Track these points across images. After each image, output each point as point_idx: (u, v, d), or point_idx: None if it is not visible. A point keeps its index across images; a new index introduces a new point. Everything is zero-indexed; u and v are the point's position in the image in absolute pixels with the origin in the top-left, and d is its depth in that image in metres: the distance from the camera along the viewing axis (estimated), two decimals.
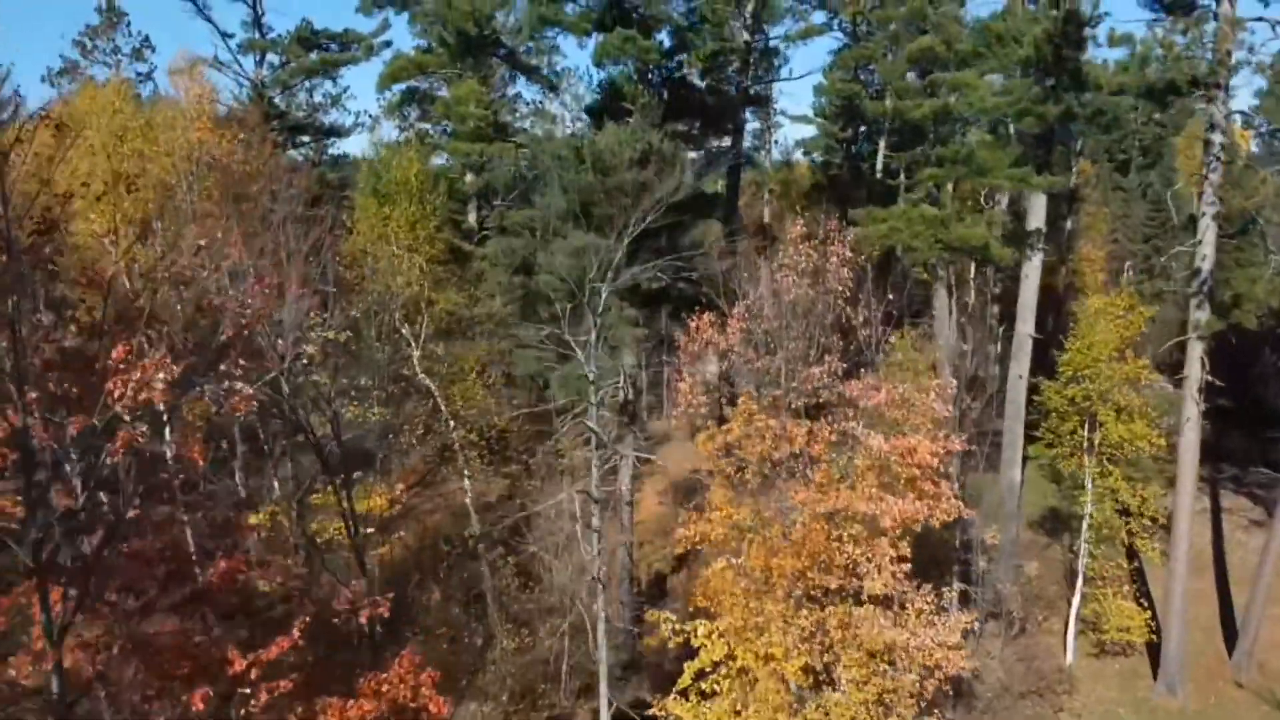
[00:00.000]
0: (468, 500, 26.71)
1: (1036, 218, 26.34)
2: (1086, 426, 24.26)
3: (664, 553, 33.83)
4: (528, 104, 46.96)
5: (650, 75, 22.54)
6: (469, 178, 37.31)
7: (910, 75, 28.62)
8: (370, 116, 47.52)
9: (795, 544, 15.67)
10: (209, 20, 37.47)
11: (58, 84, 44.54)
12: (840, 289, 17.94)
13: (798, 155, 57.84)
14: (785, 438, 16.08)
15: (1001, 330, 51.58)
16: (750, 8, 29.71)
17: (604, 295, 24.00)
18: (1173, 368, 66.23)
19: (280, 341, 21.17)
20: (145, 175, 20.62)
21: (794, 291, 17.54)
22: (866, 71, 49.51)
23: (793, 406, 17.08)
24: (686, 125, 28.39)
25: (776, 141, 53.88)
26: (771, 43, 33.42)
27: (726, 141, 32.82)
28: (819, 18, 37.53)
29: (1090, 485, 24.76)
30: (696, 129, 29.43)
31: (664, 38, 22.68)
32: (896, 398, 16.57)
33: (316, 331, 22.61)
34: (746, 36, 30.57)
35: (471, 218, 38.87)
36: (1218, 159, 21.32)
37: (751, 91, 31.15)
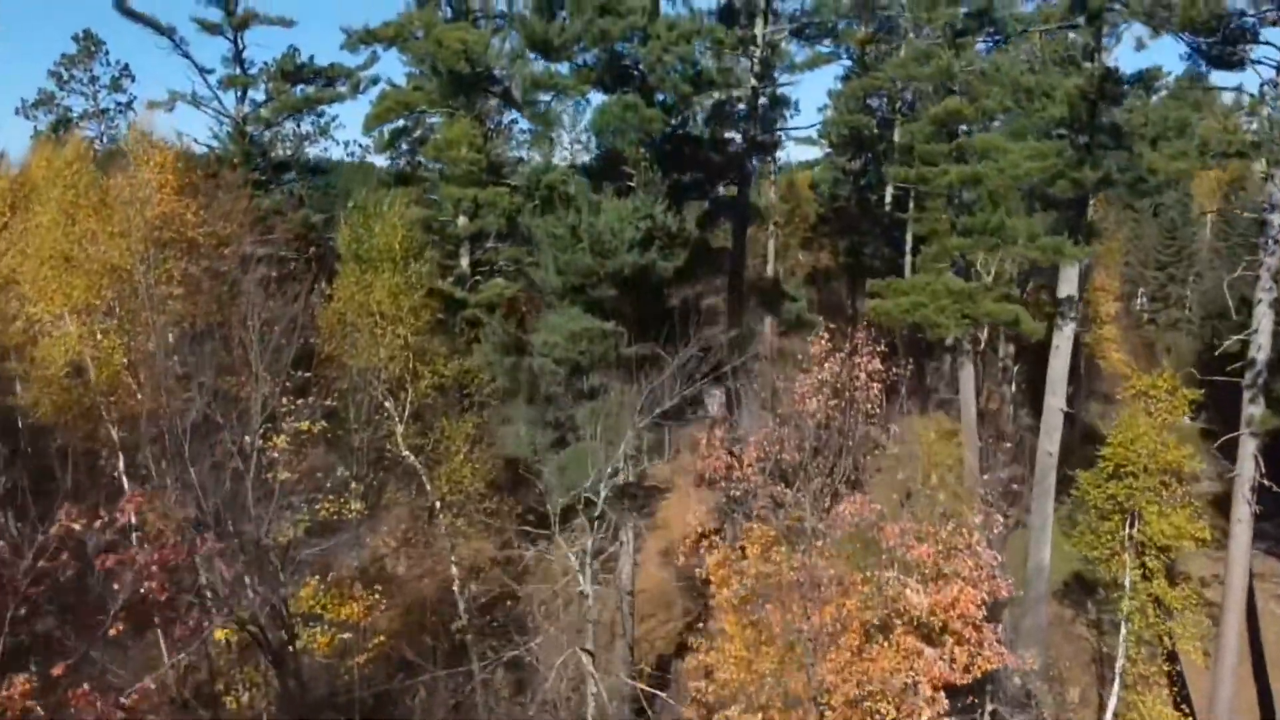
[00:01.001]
0: (455, 587, 24.83)
1: (1068, 285, 24.45)
2: (1128, 524, 22.39)
3: (667, 629, 31.99)
4: (524, 131, 45.18)
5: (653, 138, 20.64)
6: (461, 221, 35.42)
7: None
8: (360, 147, 45.60)
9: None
10: (187, 56, 35.58)
11: (33, 116, 42.70)
12: (870, 407, 16.01)
13: (801, 173, 56.16)
14: (813, 594, 14.12)
15: (1015, 369, 49.97)
16: (759, 54, 27.76)
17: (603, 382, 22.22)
18: (1191, 405, 64.29)
19: (246, 439, 19.27)
20: (99, 257, 18.69)
21: (818, 414, 15.61)
22: (876, 96, 47.98)
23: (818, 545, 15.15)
24: (690, 176, 26.59)
25: (780, 169, 51.88)
26: (780, 88, 31.50)
27: (732, 189, 30.93)
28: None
29: (1129, 583, 22.89)
30: (700, 179, 27.56)
31: (668, 95, 20.73)
32: (938, 547, 14.60)
33: (288, 422, 20.72)
34: (754, 82, 28.63)
35: (464, 262, 36.98)
36: (1276, 241, 19.43)
37: (759, 139, 29.15)
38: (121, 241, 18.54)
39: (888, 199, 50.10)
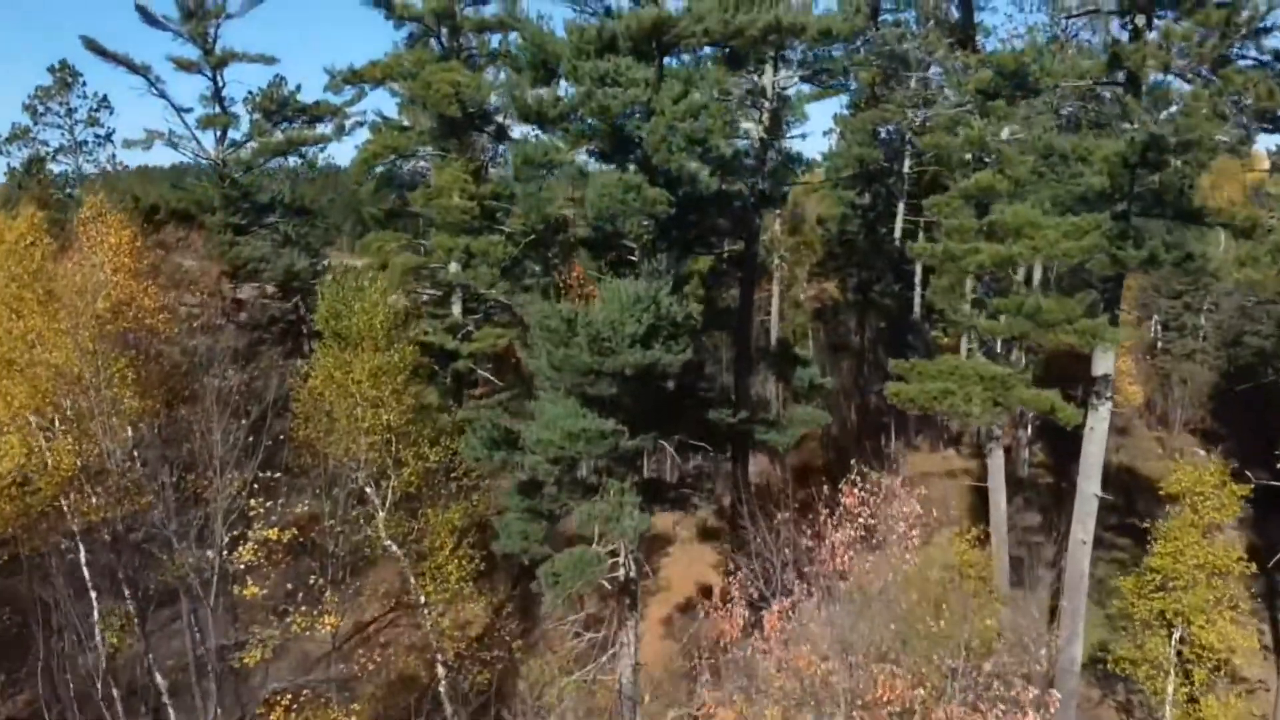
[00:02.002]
0: (441, 688, 23.01)
1: (1104, 364, 22.62)
2: (1174, 639, 20.58)
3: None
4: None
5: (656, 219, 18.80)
6: (453, 268, 33.61)
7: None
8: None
9: None
10: (163, 96, 33.74)
11: (6, 151, 40.84)
12: (907, 556, 14.19)
13: (808, 193, 54.09)
14: None
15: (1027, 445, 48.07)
16: (769, 105, 25.94)
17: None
18: (1205, 435, 62.47)
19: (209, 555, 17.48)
20: (44, 359, 16.83)
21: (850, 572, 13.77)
22: (885, 126, 46.20)
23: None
24: (694, 233, 24.84)
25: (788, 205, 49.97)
26: (789, 138, 29.69)
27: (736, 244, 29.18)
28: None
29: (1171, 692, 21.10)
30: (705, 234, 25.76)
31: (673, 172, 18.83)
32: None
33: (256, 529, 18.90)
34: (762, 134, 26.82)
35: (456, 309, 35.23)
36: None
37: (767, 192, 27.33)
38: (69, 341, 16.72)
39: (897, 232, 48.37)
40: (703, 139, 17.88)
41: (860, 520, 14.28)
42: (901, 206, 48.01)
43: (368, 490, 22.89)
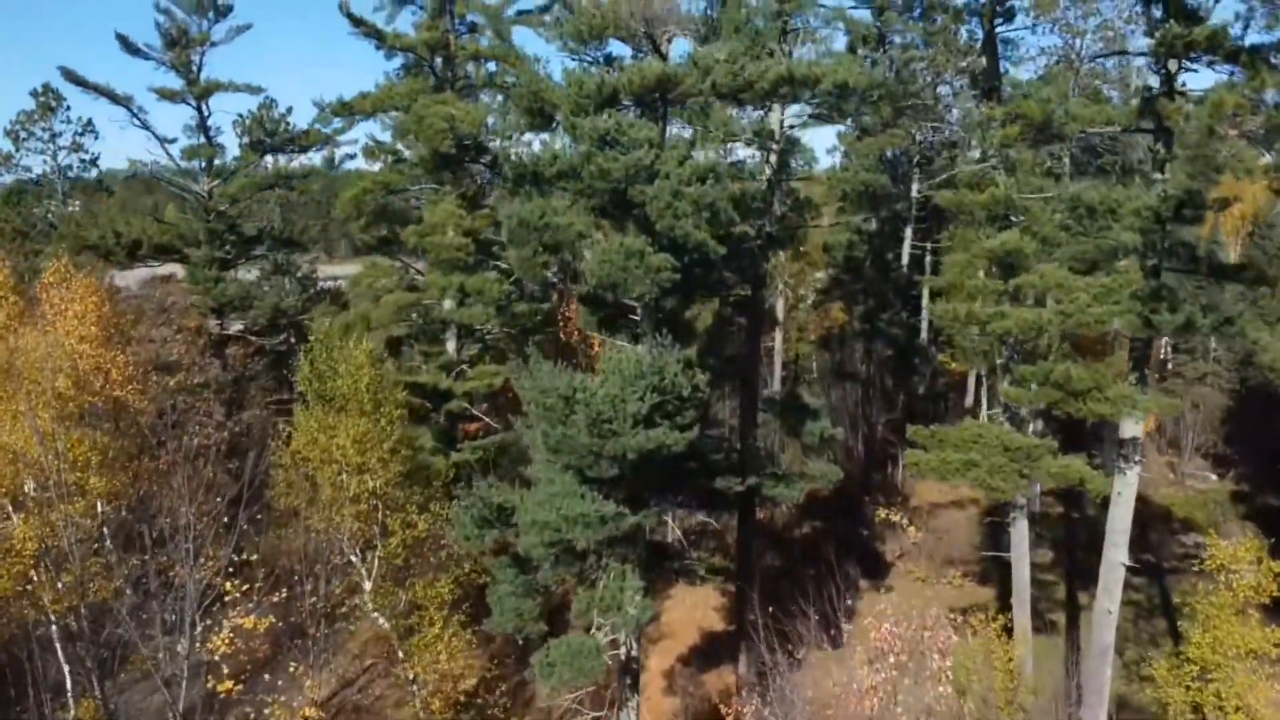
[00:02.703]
0: None
1: (1132, 426, 21.34)
2: None
3: None
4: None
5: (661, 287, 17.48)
6: (447, 304, 32.33)
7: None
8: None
9: None
10: (145, 127, 32.40)
11: None
12: (942, 689, 12.92)
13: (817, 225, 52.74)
14: None
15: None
16: (777, 146, 24.68)
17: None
18: (1216, 459, 61.05)
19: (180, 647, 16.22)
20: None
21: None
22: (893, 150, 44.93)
23: None
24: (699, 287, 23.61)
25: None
26: (797, 178, 28.34)
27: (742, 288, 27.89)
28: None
29: None
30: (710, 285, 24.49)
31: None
32: None
33: (231, 615, 17.62)
34: (769, 173, 25.55)
35: (450, 345, 33.94)
36: None
37: (775, 234, 26.07)
38: (26, 424, 15.45)
39: (904, 258, 47.13)
40: (710, 204, 16.61)
41: (891, 660, 12.92)
42: (909, 231, 46.78)
43: (353, 559, 21.64)
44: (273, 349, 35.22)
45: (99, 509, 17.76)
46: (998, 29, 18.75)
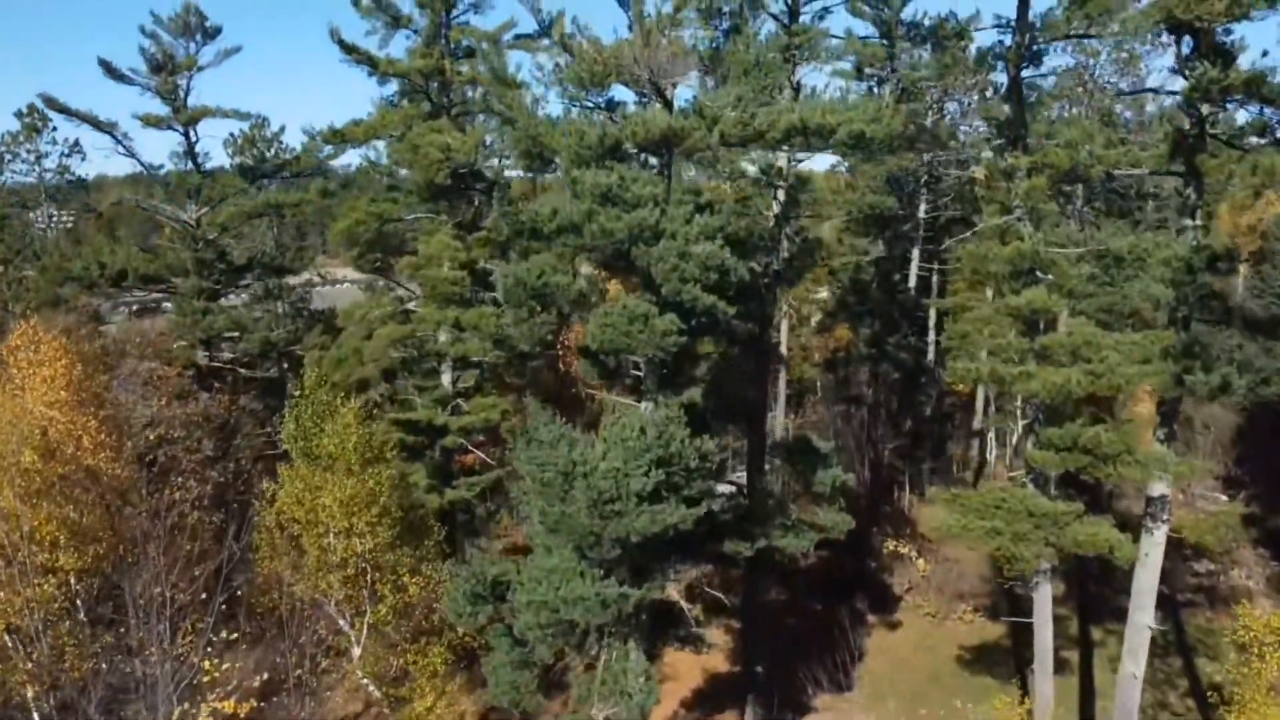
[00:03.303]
0: None
1: (1161, 484, 20.29)
2: None
3: None
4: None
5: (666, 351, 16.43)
6: (442, 337, 31.27)
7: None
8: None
9: None
10: (131, 155, 31.36)
11: None
12: None
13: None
14: None
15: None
16: (786, 184, 23.64)
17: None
18: (1227, 481, 59.96)
19: None
20: None
21: None
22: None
23: None
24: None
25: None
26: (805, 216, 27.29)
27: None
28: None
29: None
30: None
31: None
32: None
33: (209, 699, 16.55)
34: (777, 210, 24.52)
35: (446, 379, 32.86)
36: None
37: (782, 273, 25.05)
38: None
39: (912, 280, 46.09)
40: (720, 265, 15.55)
41: None
42: (916, 253, 45.76)
43: (341, 623, 20.60)
44: (264, 378, 34.17)
45: (71, 583, 16.71)
46: (1024, 74, 17.69)
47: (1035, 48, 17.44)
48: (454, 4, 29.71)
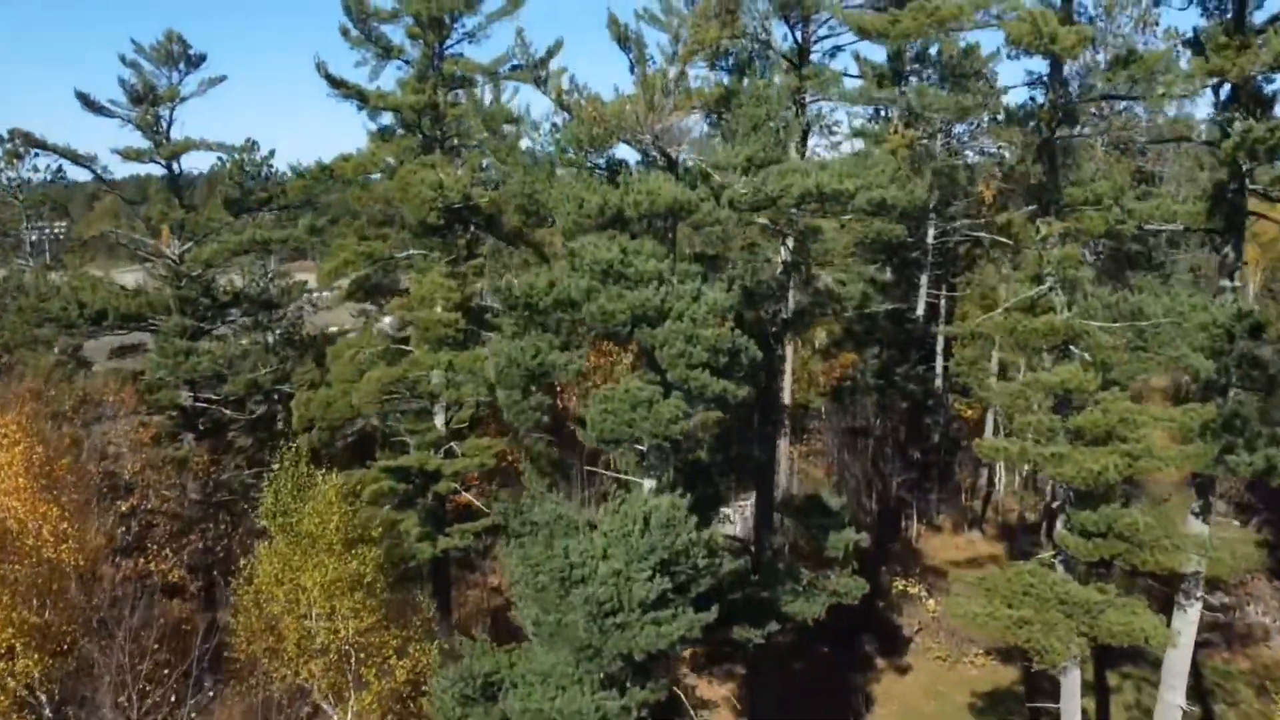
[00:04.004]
0: None
1: (1191, 565, 19.06)
2: None
3: None
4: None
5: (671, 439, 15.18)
6: (436, 377, 29.97)
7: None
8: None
9: None
10: (111, 189, 30.05)
11: None
12: None
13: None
14: None
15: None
16: (794, 230, 22.40)
17: None
18: (1240, 507, 58.79)
19: None
20: None
21: None
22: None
23: None
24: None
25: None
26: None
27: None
28: None
29: None
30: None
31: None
32: None
33: None
34: (786, 256, 23.28)
35: (439, 420, 31.57)
36: None
37: (790, 320, 23.82)
38: None
39: (920, 308, 44.83)
40: (731, 348, 14.29)
41: None
42: (925, 279, 44.52)
43: (325, 707, 19.33)
44: (251, 420, 32.95)
45: (34, 686, 15.45)
46: (1057, 135, 16.44)
47: (1070, 107, 16.20)
48: (448, 35, 28.42)
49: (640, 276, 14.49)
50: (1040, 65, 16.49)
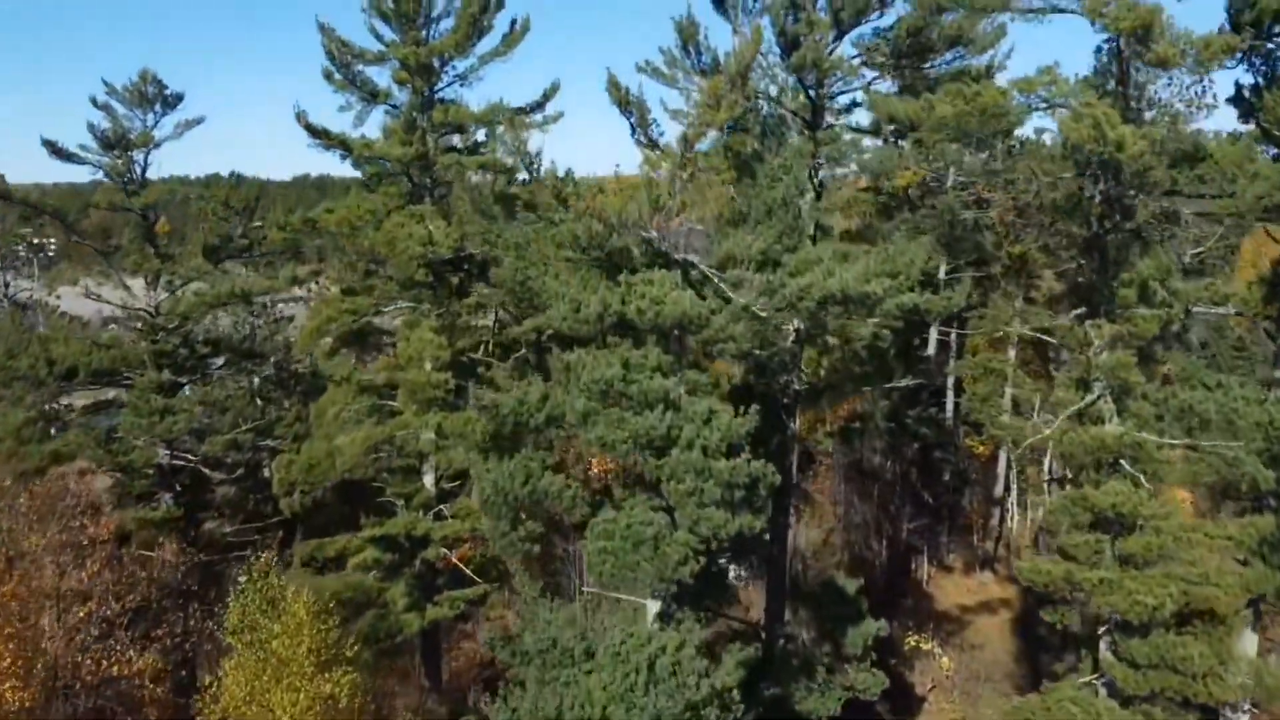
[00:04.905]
0: None
1: (1239, 670, 17.41)
2: None
3: None
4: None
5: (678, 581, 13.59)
6: (425, 436, 28.34)
7: None
8: None
9: None
10: (81, 240, 28.42)
11: None
12: None
13: None
14: None
15: None
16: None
17: None
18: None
19: None
20: None
21: None
22: None
23: None
24: None
25: None
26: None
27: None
28: None
29: None
30: None
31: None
32: None
33: None
34: (799, 325, 21.64)
35: (429, 479, 29.96)
36: None
37: (801, 391, 22.23)
38: None
39: (931, 347, 43.24)
40: (748, 480, 12.68)
41: None
42: (934, 331, 43.00)
43: None
44: (233, 478, 31.38)
45: None
46: (1107, 232, 14.85)
47: (1126, 202, 14.60)
48: (437, 79, 26.80)
49: (644, 397, 12.88)
50: None
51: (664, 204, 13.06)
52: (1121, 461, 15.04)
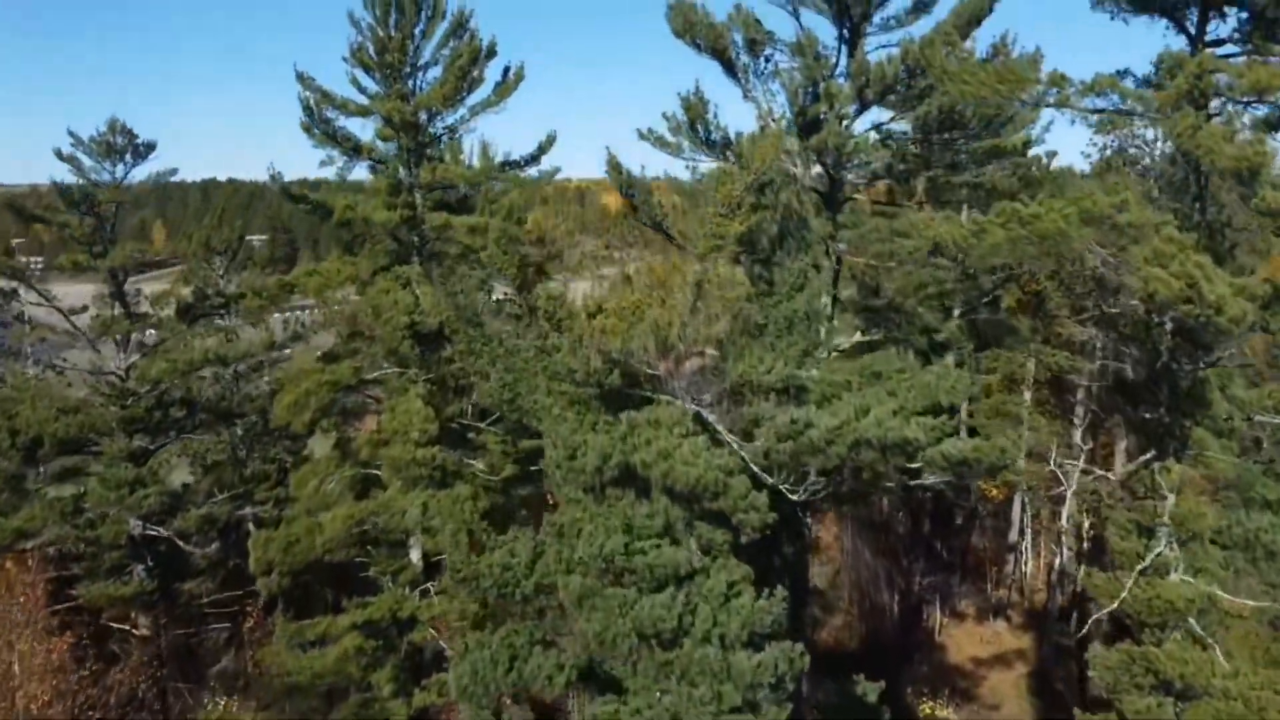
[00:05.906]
0: None
1: None
2: None
3: None
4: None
5: None
6: (411, 514, 26.48)
7: None
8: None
9: None
10: (47, 300, 26.60)
11: None
12: None
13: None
14: None
15: None
16: None
17: None
18: None
19: None
20: None
21: None
22: None
23: None
24: None
25: None
26: None
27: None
28: None
29: None
30: None
31: None
32: None
33: None
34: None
35: (415, 554, 28.11)
36: None
37: (820, 492, 20.26)
38: None
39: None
40: (774, 680, 10.82)
41: None
42: (950, 359, 41.07)
43: None
44: (211, 560, 29.58)
45: None
46: (1184, 365, 12.95)
47: (1211, 325, 12.73)
48: (425, 135, 24.90)
49: (651, 572, 11.03)
50: None
51: (673, 344, 11.27)
52: (1190, 620, 13.26)
